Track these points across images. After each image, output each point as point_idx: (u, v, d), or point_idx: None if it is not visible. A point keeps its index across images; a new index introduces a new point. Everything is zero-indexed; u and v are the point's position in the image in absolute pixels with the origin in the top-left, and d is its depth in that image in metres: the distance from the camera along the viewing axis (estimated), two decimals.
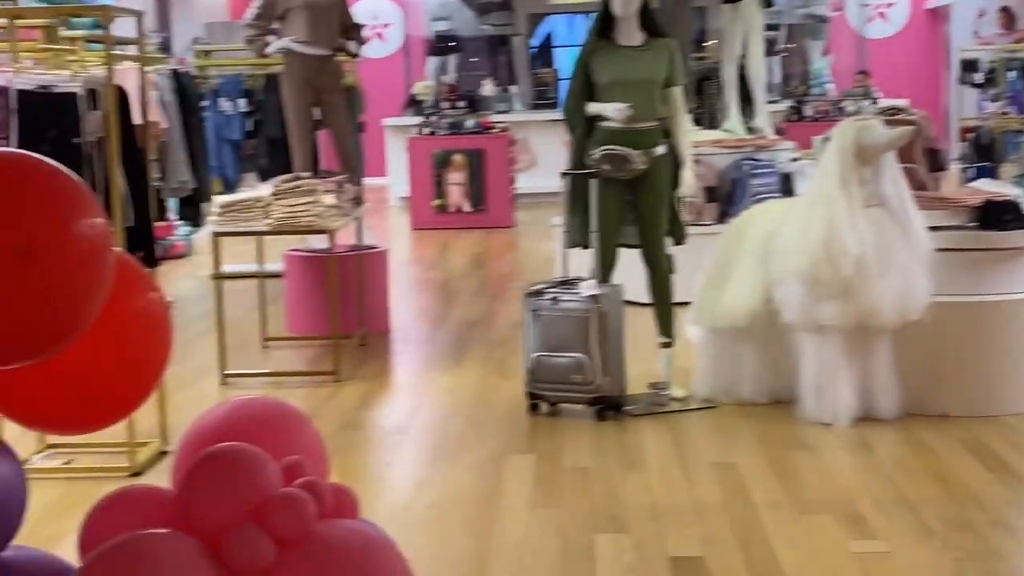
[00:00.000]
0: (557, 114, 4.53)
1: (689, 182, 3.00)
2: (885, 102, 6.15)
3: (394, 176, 7.99)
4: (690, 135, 3.24)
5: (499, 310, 4.66)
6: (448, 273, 5.87)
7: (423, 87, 8.15)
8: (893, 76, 7.61)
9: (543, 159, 7.31)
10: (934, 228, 2.64)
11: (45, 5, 3.45)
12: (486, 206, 6.85)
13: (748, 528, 2.13)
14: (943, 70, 7.68)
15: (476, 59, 8.69)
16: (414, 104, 8.02)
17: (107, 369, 1.06)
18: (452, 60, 8.51)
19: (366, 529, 1.10)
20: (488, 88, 8.19)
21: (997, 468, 2.42)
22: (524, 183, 7.32)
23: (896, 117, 3.02)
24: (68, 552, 1.13)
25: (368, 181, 5.41)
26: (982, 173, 5.44)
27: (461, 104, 7.54)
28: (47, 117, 2.82)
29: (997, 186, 3.76)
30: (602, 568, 1.97)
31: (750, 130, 4.29)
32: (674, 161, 2.98)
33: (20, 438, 2.14)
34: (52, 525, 2.03)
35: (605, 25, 2.91)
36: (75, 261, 0.89)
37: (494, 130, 7.09)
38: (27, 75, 2.95)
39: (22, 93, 2.83)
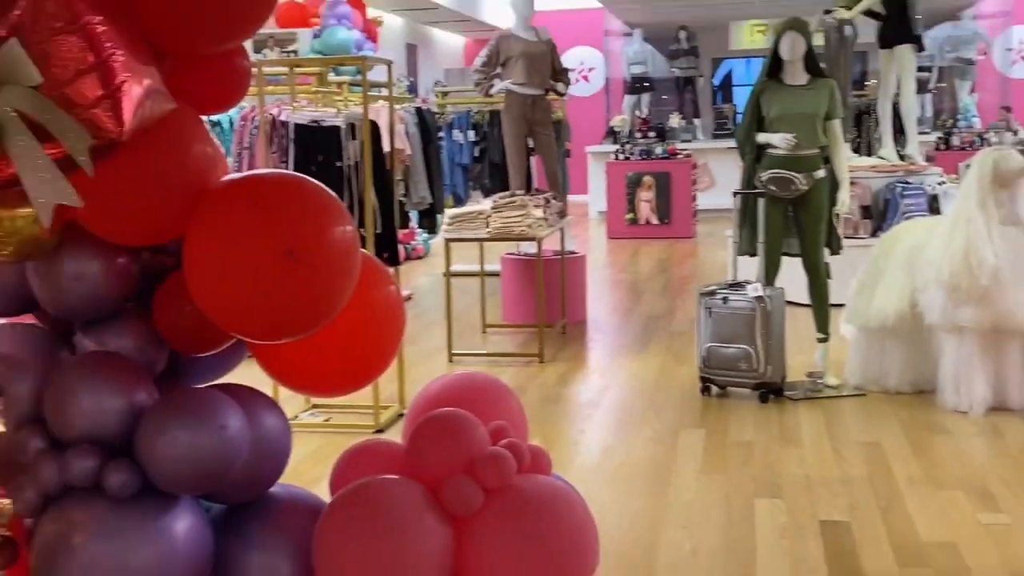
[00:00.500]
0: (732, 143, 5.03)
1: (845, 201, 3.29)
2: None
3: (594, 194, 8.94)
4: (847, 161, 3.50)
5: (678, 307, 5.06)
6: (636, 276, 6.40)
7: (620, 120, 9.08)
8: None
9: (720, 181, 8.25)
10: None
11: (317, 56, 4.05)
12: (671, 220, 7.66)
13: (889, 499, 2.33)
14: None
15: (665, 97, 10.27)
16: (612, 134, 8.90)
17: (354, 345, 1.19)
18: (645, 98, 9.71)
19: (557, 484, 1.23)
20: (675, 121, 9.10)
21: None
22: (703, 201, 8.11)
23: None
24: (323, 492, 1.30)
25: (571, 198, 6.15)
26: None
27: (651, 134, 8.44)
28: (316, 145, 3.34)
29: None
30: (760, 528, 2.17)
31: (902, 157, 4.69)
32: (832, 183, 3.25)
33: (290, 399, 2.59)
34: (312, 470, 2.30)
35: (774, 67, 3.24)
36: (330, 260, 1.05)
37: (679, 156, 7.88)
38: (302, 112, 3.48)
39: (298, 126, 3.36)
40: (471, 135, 6.02)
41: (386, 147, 3.41)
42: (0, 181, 0.98)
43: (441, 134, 5.86)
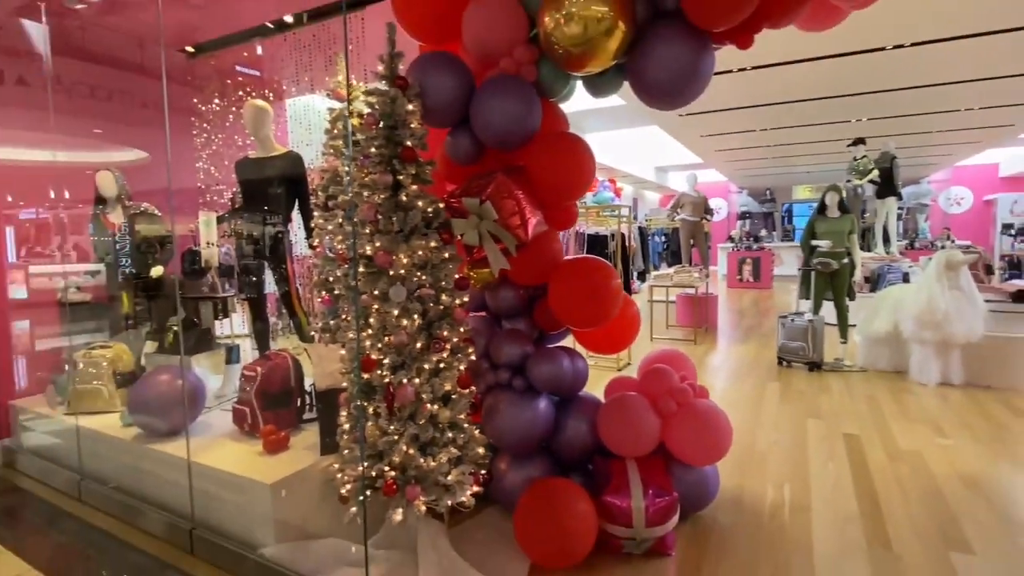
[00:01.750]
0: (794, 244, 12.87)
1: (858, 275, 5.79)
2: (961, 242, 11.05)
3: (720, 265, 15.07)
4: (859, 254, 5.78)
5: (764, 322, 8.21)
6: (742, 305, 10.18)
7: (735, 233, 15.00)
8: (963, 230, 14.86)
9: (787, 262, 14.42)
10: (988, 301, 5.07)
11: (595, 204, 7.26)
12: (760, 279, 13.13)
13: (881, 424, 3.90)
14: (991, 227, 14.62)
15: (757, 221, 17.87)
16: (731, 239, 14.66)
17: (617, 332, 2.75)
18: (748, 221, 17.62)
19: (711, 404, 2.62)
20: (763, 232, 16.29)
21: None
22: (778, 271, 13.94)
23: (968, 250, 5.33)
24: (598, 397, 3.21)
25: (711, 267, 11.17)
26: (1013, 277, 10.58)
27: (752, 239, 14.50)
28: (596, 243, 6.99)
29: (1022, 282, 6.80)
30: (810, 434, 3.73)
31: (888, 253, 8.15)
32: (851, 265, 5.65)
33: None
34: (591, 387, 3.05)
35: (821, 208, 5.76)
36: (610, 294, 2.54)
37: (764, 249, 13.66)
38: (589, 227, 7.02)
39: (589, 235, 6.95)
40: (662, 238, 11.83)
41: (626, 242, 6.98)
42: (479, 258, 2.55)
43: (649, 237, 9.80)
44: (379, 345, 2.30)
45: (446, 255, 2.34)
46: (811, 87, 6.39)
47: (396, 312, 2.26)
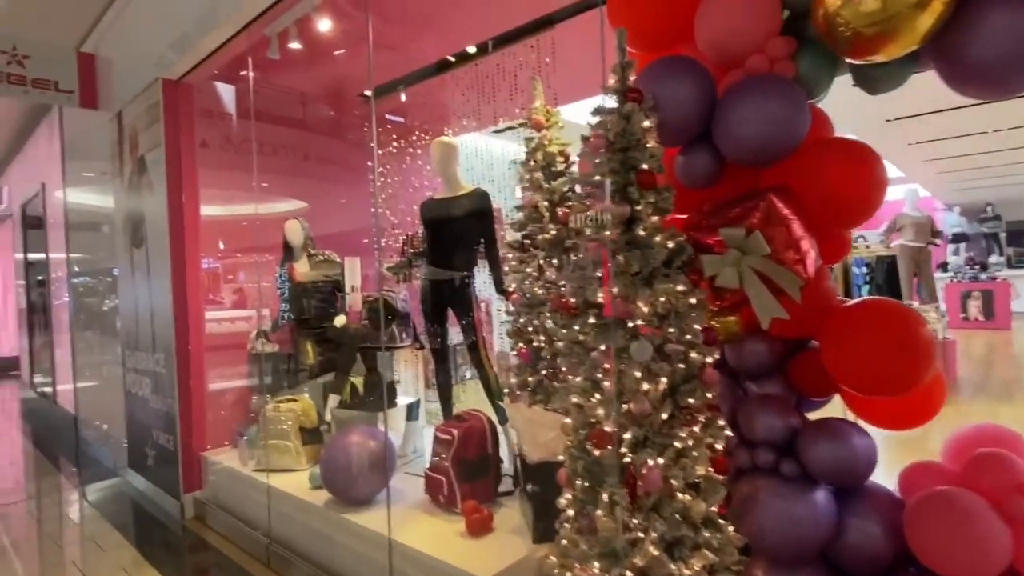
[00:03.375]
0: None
1: None
2: None
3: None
4: None
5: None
6: (978, 351, 8.46)
7: (953, 260, 13.08)
8: None
9: None
10: None
11: None
12: (994, 317, 11.03)
13: None
14: None
15: (975, 243, 14.56)
16: (944, 268, 12.63)
17: (920, 398, 1.94)
18: (963, 245, 14.19)
19: None
20: (993, 258, 13.51)
21: None
22: (1016, 307, 11.63)
23: None
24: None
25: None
26: None
27: (979, 266, 12.12)
28: None
29: None
30: None
31: None
32: None
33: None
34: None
35: None
36: (922, 346, 1.82)
37: (997, 279, 11.42)
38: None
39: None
40: (863, 268, 9.44)
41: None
42: (728, 305, 2.01)
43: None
44: (614, 414, 1.85)
45: (693, 301, 1.85)
46: None
47: (639, 373, 1.80)
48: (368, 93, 4.18)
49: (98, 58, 4.80)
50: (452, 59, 3.51)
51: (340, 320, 3.36)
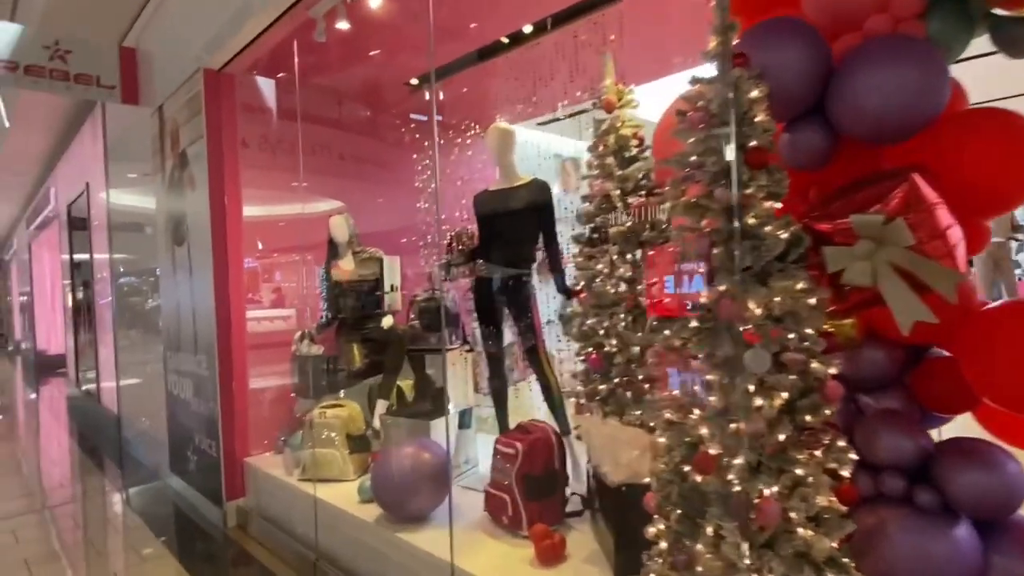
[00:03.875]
0: None
1: None
2: None
3: None
4: None
5: None
6: None
7: None
8: None
9: None
10: None
11: None
12: None
13: None
14: None
15: None
16: None
17: None
18: None
19: None
20: None
21: None
22: None
23: None
24: None
25: None
26: None
27: None
28: None
29: None
30: None
31: None
32: None
33: None
34: None
35: None
36: None
37: None
38: None
39: None
40: None
41: None
42: (856, 304, 1.71)
43: None
44: (719, 434, 1.58)
45: (813, 301, 1.57)
46: None
47: (752, 387, 1.53)
48: (414, 82, 3.98)
49: (139, 52, 4.71)
50: (506, 40, 3.27)
51: (388, 321, 3.16)
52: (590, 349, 2.41)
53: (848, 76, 1.69)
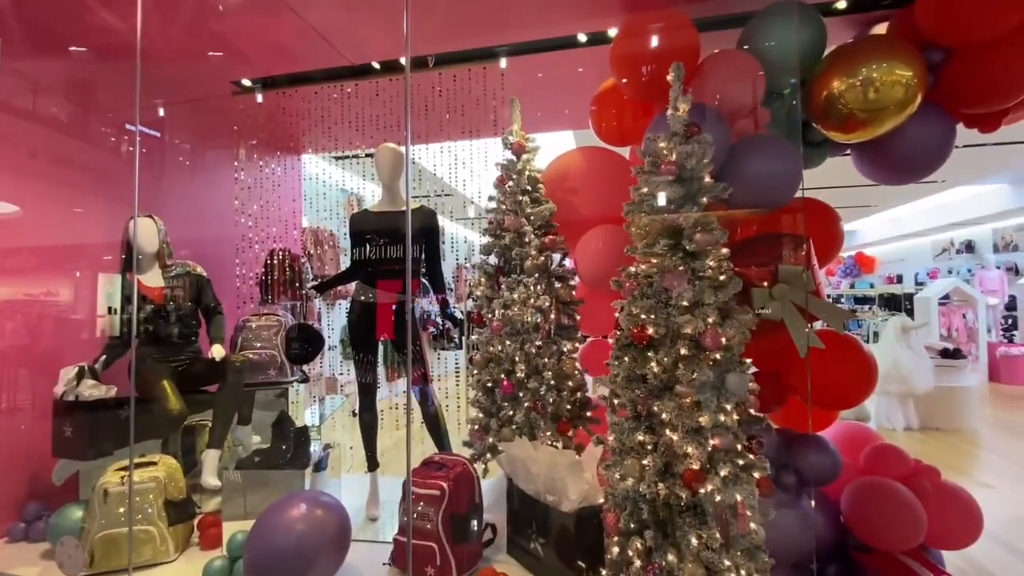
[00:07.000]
0: None
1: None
2: None
3: None
4: None
5: None
6: None
7: None
8: None
9: None
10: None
11: None
12: None
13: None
14: None
15: None
16: None
17: None
18: None
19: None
20: None
21: None
22: None
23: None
24: None
25: None
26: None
27: None
28: None
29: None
30: None
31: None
32: None
33: None
34: None
35: None
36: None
37: None
38: None
39: None
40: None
41: None
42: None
43: None
44: (693, 450, 1.83)
45: (748, 333, 1.97)
46: None
47: (730, 407, 1.83)
48: (247, 82, 3.29)
49: None
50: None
51: (219, 351, 2.54)
52: (502, 377, 2.44)
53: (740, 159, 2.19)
